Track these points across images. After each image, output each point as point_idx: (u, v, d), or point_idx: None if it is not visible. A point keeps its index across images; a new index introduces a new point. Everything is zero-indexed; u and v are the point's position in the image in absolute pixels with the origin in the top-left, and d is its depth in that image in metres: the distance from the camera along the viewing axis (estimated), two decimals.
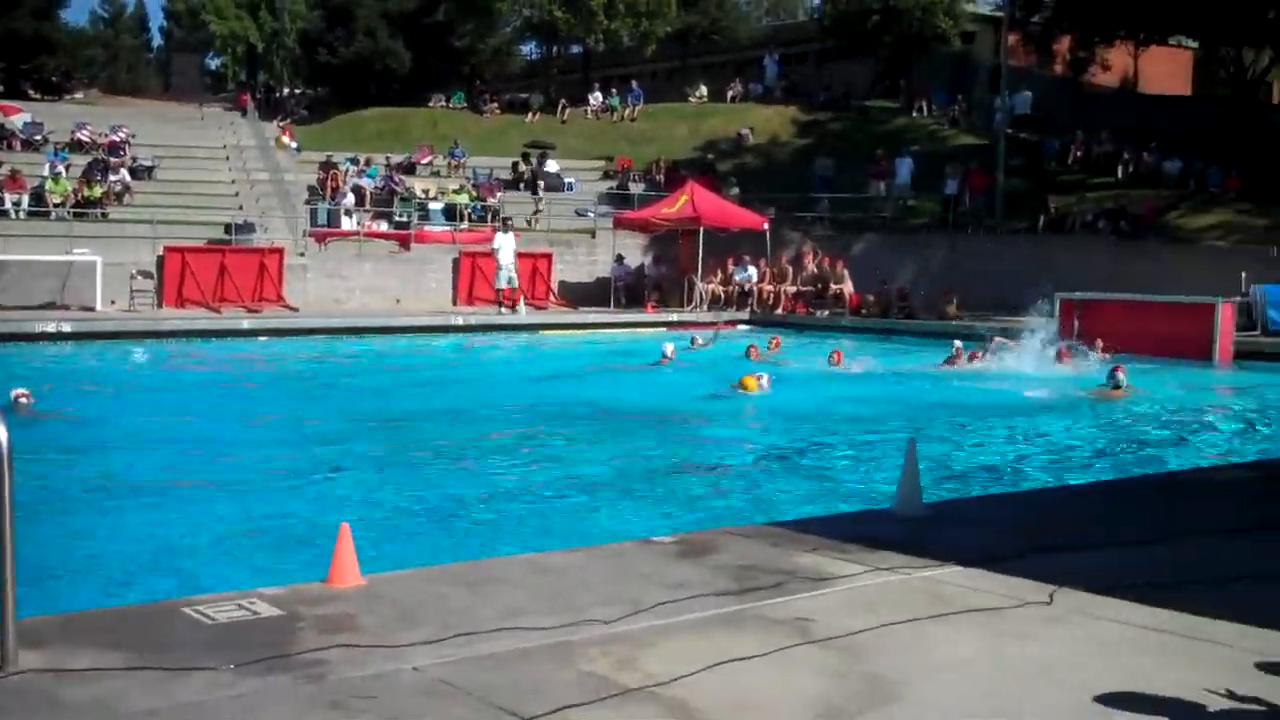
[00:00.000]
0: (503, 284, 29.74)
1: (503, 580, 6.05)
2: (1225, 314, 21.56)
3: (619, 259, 32.95)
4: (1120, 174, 35.66)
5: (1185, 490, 9.01)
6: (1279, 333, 22.94)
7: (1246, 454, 13.03)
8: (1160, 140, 35.51)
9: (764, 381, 16.77)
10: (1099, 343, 20.86)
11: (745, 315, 30.38)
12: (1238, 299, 22.98)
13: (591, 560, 6.54)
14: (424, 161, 39.03)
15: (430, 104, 46.69)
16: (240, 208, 32.68)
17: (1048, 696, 4.62)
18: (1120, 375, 17.07)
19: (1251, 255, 27.40)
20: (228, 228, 30.53)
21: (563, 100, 46.88)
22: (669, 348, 20.98)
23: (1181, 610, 5.63)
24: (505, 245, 29.81)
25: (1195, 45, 50.82)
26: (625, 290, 32.47)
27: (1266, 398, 18.17)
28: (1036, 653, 5.09)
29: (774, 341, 23.19)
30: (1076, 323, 22.45)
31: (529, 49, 61.79)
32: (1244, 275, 24.81)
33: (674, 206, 31.71)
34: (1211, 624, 5.45)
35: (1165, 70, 50.79)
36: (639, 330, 28.26)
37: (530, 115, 45.62)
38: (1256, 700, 4.58)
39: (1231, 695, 4.59)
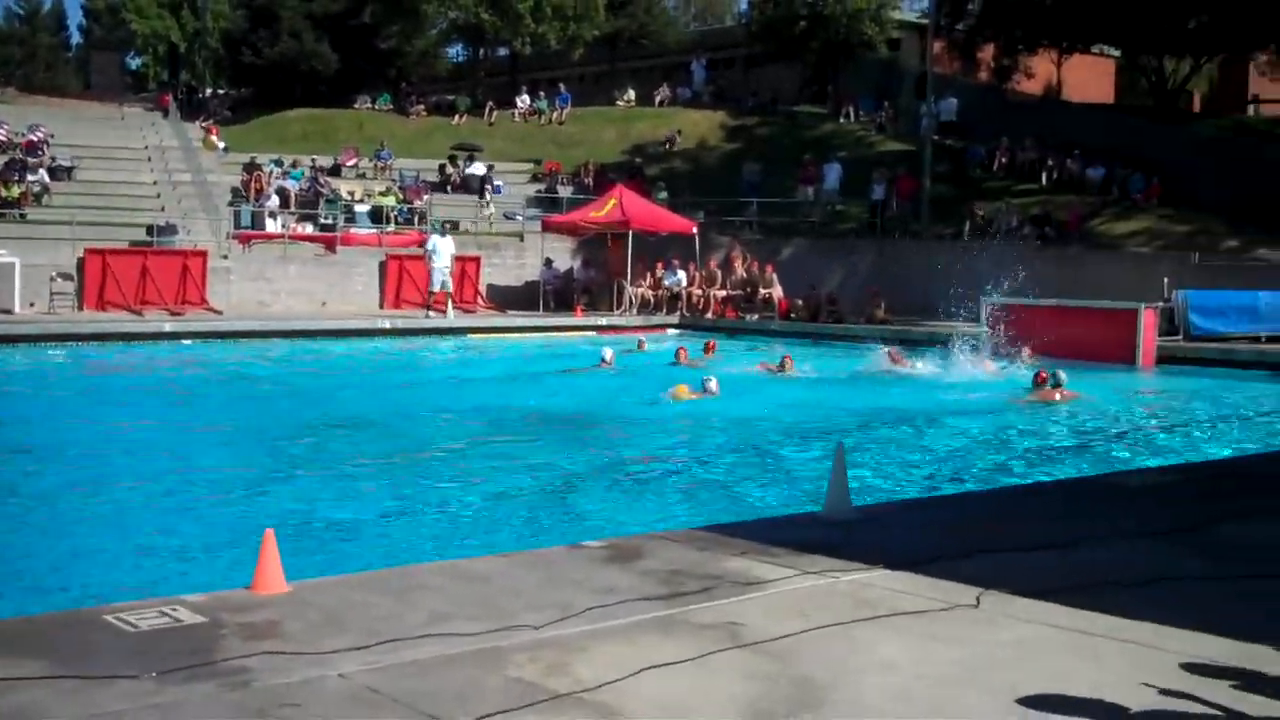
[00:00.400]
0: (436, 287, 29.57)
1: (429, 587, 6.00)
2: (1148, 319, 21.89)
3: (547, 262, 32.88)
4: (1044, 181, 36.14)
5: (1109, 493, 9.11)
6: (1200, 337, 23.30)
7: (1168, 457, 13.22)
8: (1083, 148, 36.03)
9: (712, 385, 16.80)
10: (1026, 347, 21.11)
11: (675, 319, 30.44)
12: (1160, 304, 23.32)
13: (519, 566, 6.50)
14: (350, 163, 38.72)
15: (356, 106, 46.39)
16: (162, 209, 32.23)
17: (974, 699, 4.64)
18: (1061, 376, 17.26)
19: (1173, 261, 27.85)
20: (149, 229, 30.09)
21: (490, 103, 46.74)
22: (608, 352, 20.93)
23: (1105, 612, 5.69)
24: (442, 248, 29.64)
25: (1118, 54, 51.64)
26: (554, 294, 32.41)
27: (1188, 402, 18.46)
28: (963, 655, 5.12)
29: (709, 345, 23.26)
30: (1002, 327, 22.70)
31: (456, 51, 61.56)
32: (1166, 281, 25.21)
33: (602, 210, 31.70)
34: (1135, 625, 5.51)
35: (1088, 78, 51.55)
36: (570, 334, 28.23)
37: (457, 117, 45.42)
38: (1185, 697, 4.65)
39: (1159, 693, 4.65)
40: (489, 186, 36.99)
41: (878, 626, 5.48)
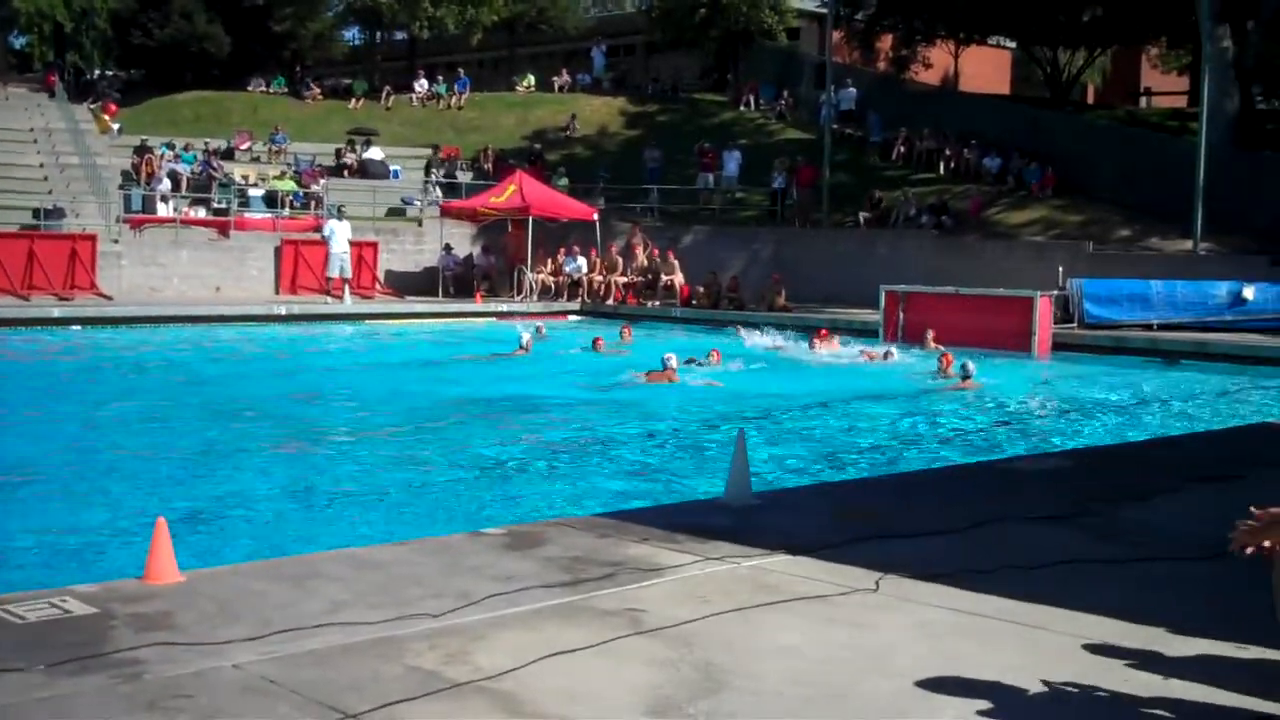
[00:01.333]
0: (334, 272, 29.19)
1: (327, 575, 5.90)
2: (1044, 307, 22.21)
3: (447, 248, 32.64)
4: (942, 170, 36.59)
5: (1007, 477, 9.24)
6: (1095, 325, 23.75)
7: (1064, 442, 13.45)
8: (980, 138, 36.52)
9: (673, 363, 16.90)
10: (929, 334, 21.36)
11: (576, 306, 30.40)
12: (1055, 292, 23.72)
13: (419, 554, 6.42)
14: (244, 147, 38.09)
15: (250, 88, 45.55)
16: (50, 192, 31.46)
17: (875, 682, 4.66)
18: (970, 366, 17.49)
19: (1068, 250, 28.38)
20: (36, 213, 29.39)
21: (387, 87, 46.22)
22: (526, 337, 20.80)
23: (1004, 595, 5.75)
24: (339, 232, 29.26)
25: (1013, 46, 52.48)
26: (454, 280, 32.21)
27: (1082, 388, 18.79)
28: (863, 639, 5.15)
29: (625, 331, 23.25)
30: (901, 315, 23.00)
31: (352, 34, 60.75)
32: (1061, 270, 25.67)
33: (502, 196, 31.54)
34: (1034, 608, 5.57)
35: (985, 69, 52.31)
36: (471, 320, 28.06)
37: (354, 101, 44.88)
38: (1084, 679, 4.72)
39: (1057, 676, 4.72)
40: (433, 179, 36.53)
41: (778, 611, 5.49)
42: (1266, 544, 4.01)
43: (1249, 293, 23.61)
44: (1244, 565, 4.27)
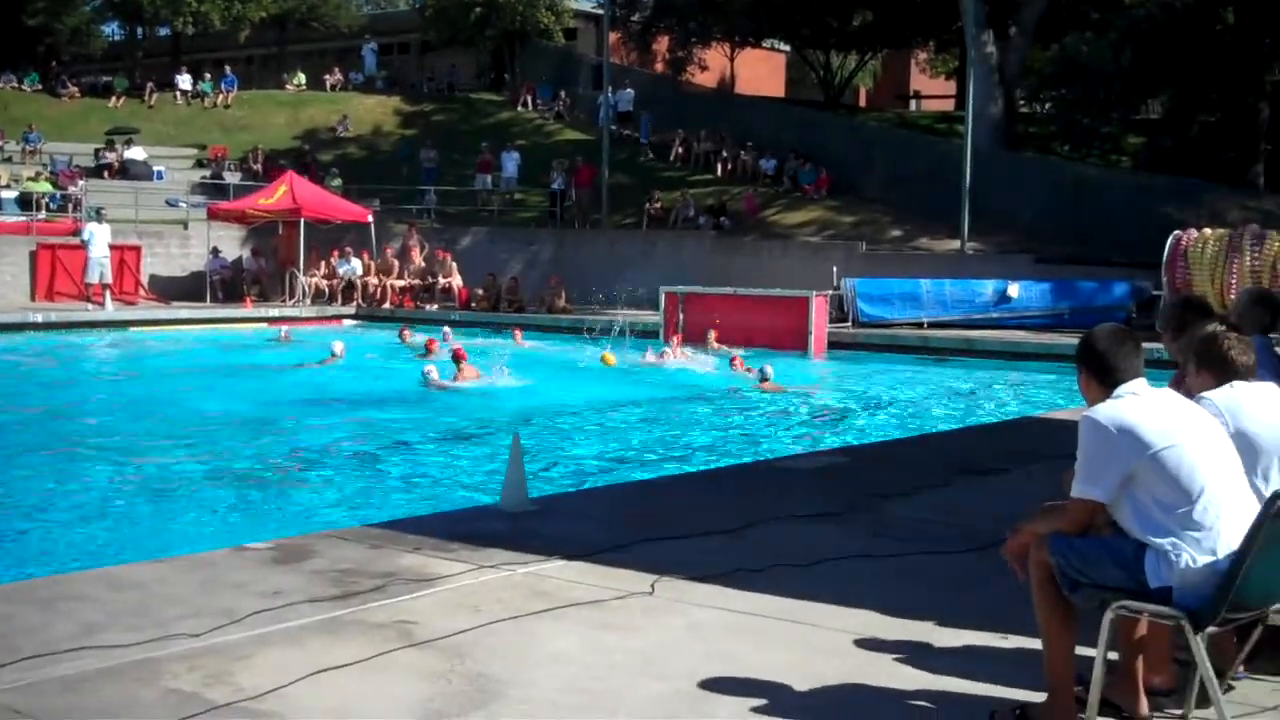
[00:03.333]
0: (94, 278, 27.96)
1: (80, 597, 5.62)
2: (819, 306, 22.67)
3: (215, 252, 31.60)
4: (720, 171, 37.17)
5: (781, 476, 9.36)
6: (868, 324, 24.37)
7: (836, 440, 13.73)
8: (756, 139, 37.23)
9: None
10: (710, 335, 21.57)
11: (351, 310, 29.82)
12: (830, 292, 24.28)
13: (178, 571, 6.16)
14: None
15: (1, 84, 43.34)
16: None
17: (650, 686, 4.65)
18: (769, 369, 17.67)
19: (843, 250, 29.13)
20: None
21: (150, 84, 44.56)
22: (338, 345, 20.06)
23: (777, 594, 5.80)
24: (98, 236, 28.04)
25: (788, 49, 53.75)
26: (222, 284, 31.19)
27: (857, 386, 19.24)
28: (639, 643, 5.13)
29: (404, 332, 22.99)
30: (682, 316, 23.22)
31: (112, 29, 58.40)
32: (835, 269, 26.33)
33: (272, 197, 30.69)
34: (806, 605, 5.63)
35: (761, 72, 53.49)
36: (241, 326, 27.21)
37: (114, 99, 43.10)
38: (856, 674, 4.78)
39: (830, 672, 4.76)
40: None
41: (553, 618, 5.43)
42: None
43: (1014, 290, 24.59)
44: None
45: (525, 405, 15.98)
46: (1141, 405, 4.13)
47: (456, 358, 17.54)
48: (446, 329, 24.36)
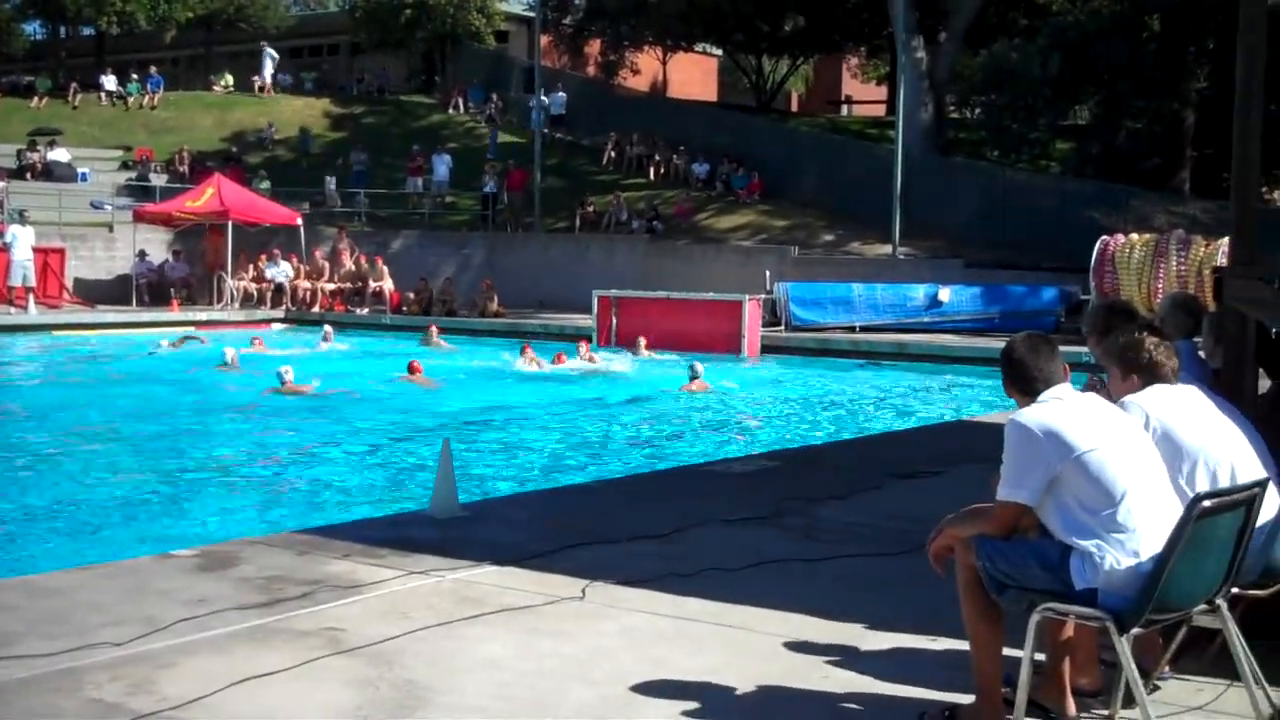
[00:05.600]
0: (17, 281, 27.47)
1: None
2: (752, 310, 22.75)
3: (141, 255, 31.15)
4: (652, 175, 37.19)
5: (712, 480, 9.35)
6: (801, 328, 24.49)
7: (769, 444, 13.74)
8: (689, 144, 37.29)
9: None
10: (641, 342, 21.56)
11: (280, 313, 29.50)
12: (763, 296, 24.37)
13: (101, 579, 6.06)
14: None
15: None
16: None
17: (581, 691, 4.63)
18: (698, 368, 17.68)
19: (775, 254, 29.28)
20: None
21: (74, 84, 43.83)
22: (230, 352, 19.80)
23: (709, 598, 5.80)
24: (21, 238, 27.56)
25: (720, 54, 53.90)
26: (149, 288, 30.74)
27: (789, 389, 19.31)
28: (570, 649, 5.12)
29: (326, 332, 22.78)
30: (614, 320, 23.19)
31: (34, 28, 57.42)
32: (768, 273, 26.43)
33: (199, 200, 30.31)
34: (737, 609, 5.64)
35: (693, 77, 53.58)
36: (164, 329, 26.82)
37: (36, 100, 42.34)
38: (786, 677, 4.78)
39: (761, 675, 4.76)
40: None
41: (483, 624, 5.41)
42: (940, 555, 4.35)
43: (944, 295, 24.81)
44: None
45: (451, 410, 15.88)
46: (1065, 409, 4.17)
47: (411, 369, 17.56)
48: (327, 327, 24.09)
